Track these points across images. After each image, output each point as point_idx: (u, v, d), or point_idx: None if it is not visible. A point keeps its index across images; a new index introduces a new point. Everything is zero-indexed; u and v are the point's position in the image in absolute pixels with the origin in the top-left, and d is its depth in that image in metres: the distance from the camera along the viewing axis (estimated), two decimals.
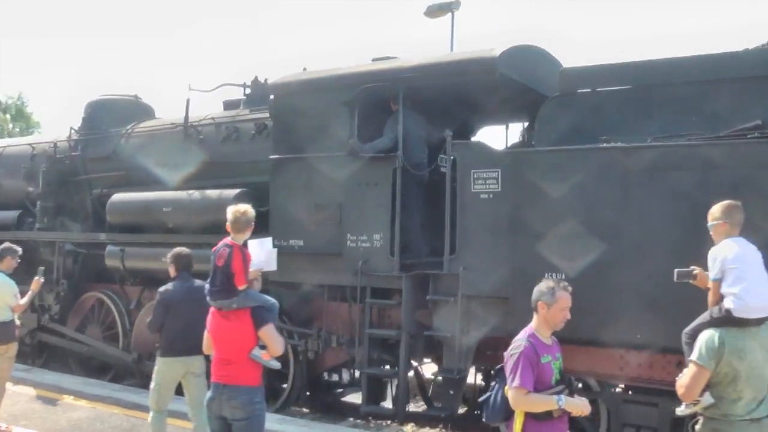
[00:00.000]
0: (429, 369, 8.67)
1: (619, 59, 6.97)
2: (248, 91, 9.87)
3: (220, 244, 5.01)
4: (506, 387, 3.86)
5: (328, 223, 7.77)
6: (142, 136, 10.23)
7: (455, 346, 6.99)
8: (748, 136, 5.86)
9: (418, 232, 7.76)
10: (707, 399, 4.18)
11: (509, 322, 6.63)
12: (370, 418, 8.34)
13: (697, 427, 4.36)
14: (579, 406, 3.98)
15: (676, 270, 4.95)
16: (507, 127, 9.07)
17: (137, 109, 11.07)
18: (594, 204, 6.36)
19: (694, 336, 4.46)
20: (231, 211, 5.02)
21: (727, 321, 4.24)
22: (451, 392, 7.12)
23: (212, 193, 8.74)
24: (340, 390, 9.65)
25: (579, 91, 6.93)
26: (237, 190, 8.55)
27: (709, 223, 4.68)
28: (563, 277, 6.28)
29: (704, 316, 4.53)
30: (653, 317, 6.10)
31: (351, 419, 8.69)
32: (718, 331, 4.18)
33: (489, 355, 7.11)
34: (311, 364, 8.50)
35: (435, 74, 7.27)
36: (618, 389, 6.83)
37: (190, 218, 8.76)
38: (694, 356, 4.16)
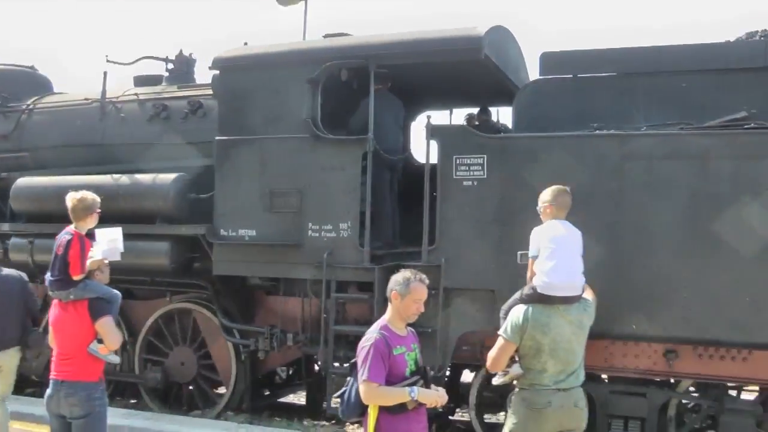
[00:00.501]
0: None
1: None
2: (170, 66, 8.96)
3: (62, 232, 4.97)
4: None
5: (285, 212, 7.09)
6: (49, 113, 8.97)
7: (436, 341, 6.58)
8: (744, 126, 5.86)
9: (389, 222, 7.26)
10: (515, 369, 4.69)
11: (496, 316, 6.33)
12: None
13: (513, 396, 4.81)
14: (433, 396, 3.90)
15: (518, 252, 5.19)
16: (451, 112, 8.79)
17: (34, 83, 9.70)
18: (586, 193, 6.15)
19: (508, 311, 4.94)
20: (69, 199, 4.97)
21: (534, 298, 4.69)
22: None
23: (144, 178, 7.76)
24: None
25: (560, 76, 6.73)
26: (174, 175, 7.65)
27: (538, 206, 5.21)
28: None
29: (518, 293, 5.00)
30: (642, 307, 6.00)
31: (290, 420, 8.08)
32: (526, 307, 4.66)
33: (465, 350, 6.77)
34: (253, 365, 7.81)
35: (412, 52, 6.78)
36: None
37: (117, 206, 7.73)
38: (501, 330, 4.72)
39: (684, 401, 6.43)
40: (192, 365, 7.90)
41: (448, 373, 7.37)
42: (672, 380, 6.41)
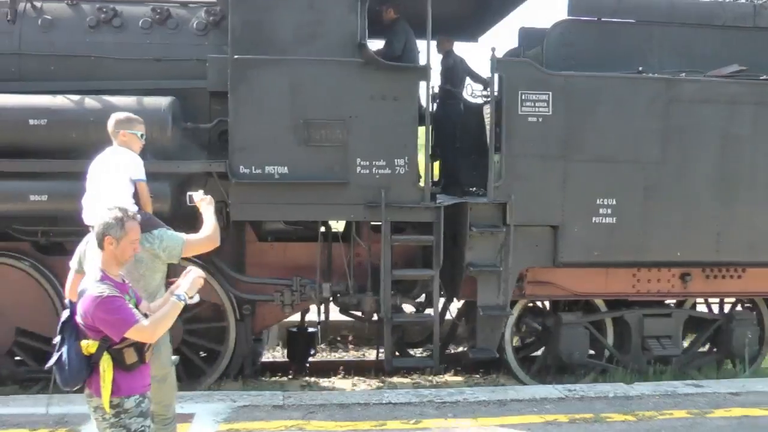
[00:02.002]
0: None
1: None
2: None
3: None
4: (83, 342, 3.27)
5: (326, 145, 6.20)
6: None
7: (499, 280, 6.47)
8: (761, 77, 6.84)
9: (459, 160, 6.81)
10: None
11: (560, 252, 6.50)
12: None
13: None
14: (196, 281, 3.47)
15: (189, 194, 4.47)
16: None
17: None
18: (640, 131, 6.59)
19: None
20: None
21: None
22: (493, 331, 6.59)
23: (126, 101, 6.00)
24: None
25: (586, 18, 7.00)
26: (168, 98, 6.10)
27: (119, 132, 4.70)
28: (614, 202, 6.50)
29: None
30: (684, 236, 6.71)
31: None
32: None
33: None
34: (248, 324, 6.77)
35: None
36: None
37: (87, 136, 5.89)
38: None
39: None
40: (176, 330, 6.51)
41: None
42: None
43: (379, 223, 6.44)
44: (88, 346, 3.24)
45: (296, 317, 7.46)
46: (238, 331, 6.58)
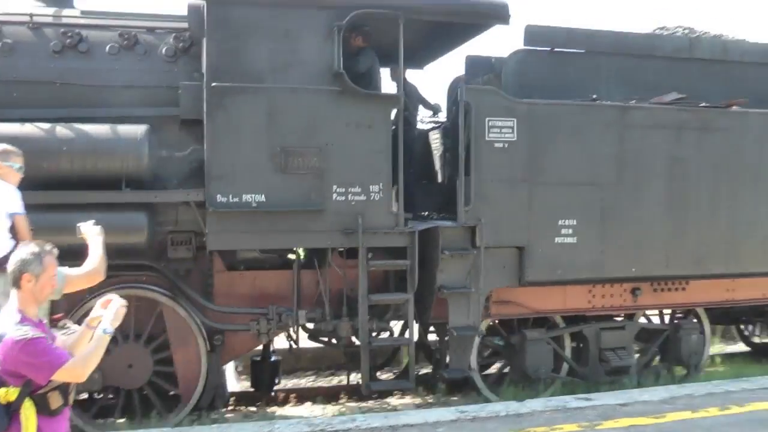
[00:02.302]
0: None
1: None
2: None
3: None
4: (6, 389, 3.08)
5: (302, 173, 6.27)
6: None
7: (469, 301, 6.70)
8: (701, 104, 7.39)
9: (413, 185, 6.96)
10: None
11: (526, 271, 6.80)
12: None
13: None
14: (119, 312, 3.29)
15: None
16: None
17: None
18: (597, 156, 7.00)
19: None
20: None
21: None
22: (464, 351, 6.80)
23: (98, 129, 5.87)
24: None
25: (540, 48, 7.38)
26: (143, 126, 6.00)
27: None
28: (574, 223, 6.88)
29: None
30: (637, 252, 7.17)
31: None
32: None
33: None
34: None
35: (444, 11, 6.61)
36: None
37: (58, 166, 5.73)
38: None
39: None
40: (145, 369, 6.35)
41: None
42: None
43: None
44: (7, 393, 3.06)
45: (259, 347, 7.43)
46: (209, 362, 6.51)
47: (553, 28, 7.44)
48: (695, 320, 7.94)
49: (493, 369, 8.26)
